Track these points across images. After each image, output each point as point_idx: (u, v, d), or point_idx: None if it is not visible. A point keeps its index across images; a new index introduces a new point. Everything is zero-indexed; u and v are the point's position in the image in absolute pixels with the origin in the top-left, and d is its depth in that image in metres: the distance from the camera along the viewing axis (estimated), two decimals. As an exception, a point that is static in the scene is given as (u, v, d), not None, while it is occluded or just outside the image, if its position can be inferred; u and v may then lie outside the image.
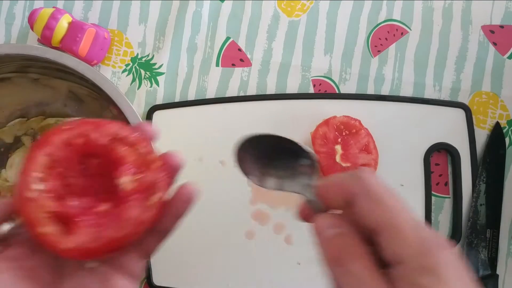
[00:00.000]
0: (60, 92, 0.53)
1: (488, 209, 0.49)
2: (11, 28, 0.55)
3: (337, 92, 0.52)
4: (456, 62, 0.52)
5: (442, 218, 0.51)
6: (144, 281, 0.52)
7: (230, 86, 0.53)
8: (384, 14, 0.53)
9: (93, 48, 0.52)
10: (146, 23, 0.54)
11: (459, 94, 0.52)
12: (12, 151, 0.54)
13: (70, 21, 0.51)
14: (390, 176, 0.50)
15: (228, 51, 0.54)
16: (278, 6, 0.53)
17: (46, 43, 0.52)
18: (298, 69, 0.53)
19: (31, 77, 0.50)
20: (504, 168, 0.50)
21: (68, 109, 0.54)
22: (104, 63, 0.54)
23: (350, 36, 0.53)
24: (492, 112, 0.51)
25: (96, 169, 0.30)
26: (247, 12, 0.53)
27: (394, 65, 0.52)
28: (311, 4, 0.53)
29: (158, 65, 0.54)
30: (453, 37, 0.52)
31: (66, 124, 0.29)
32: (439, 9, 0.52)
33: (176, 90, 0.54)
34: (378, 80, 0.52)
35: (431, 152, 0.50)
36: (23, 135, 0.54)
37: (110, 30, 0.54)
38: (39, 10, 0.51)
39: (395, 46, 0.52)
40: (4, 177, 0.53)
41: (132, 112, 0.44)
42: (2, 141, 0.54)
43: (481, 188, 0.50)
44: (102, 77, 0.44)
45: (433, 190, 0.51)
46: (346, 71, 0.53)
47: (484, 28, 0.52)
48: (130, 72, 0.54)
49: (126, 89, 0.54)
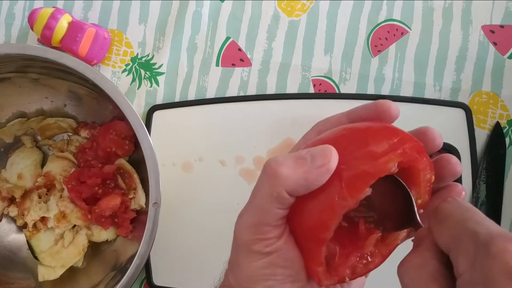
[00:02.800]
0: (60, 92, 0.53)
1: (488, 209, 0.49)
2: (11, 28, 0.55)
3: (337, 92, 0.52)
4: (456, 62, 0.52)
5: (442, 218, 0.51)
6: (144, 281, 0.52)
7: (230, 86, 0.53)
8: (384, 14, 0.53)
9: (93, 48, 0.51)
10: (146, 23, 0.54)
11: (459, 94, 0.52)
12: (12, 151, 0.54)
13: (70, 21, 0.51)
14: (390, 176, 0.50)
15: (228, 51, 0.54)
16: (278, 6, 0.53)
17: (46, 43, 0.52)
18: (298, 69, 0.53)
19: (31, 77, 0.50)
20: (504, 168, 0.50)
21: (67, 108, 0.54)
22: (104, 63, 0.54)
23: (350, 36, 0.53)
24: (492, 112, 0.51)
25: None
26: (247, 12, 0.53)
27: (394, 65, 0.52)
28: (311, 4, 0.53)
29: (158, 65, 0.54)
30: (453, 37, 0.52)
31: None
32: (439, 9, 0.52)
33: (176, 90, 0.54)
34: (378, 80, 0.52)
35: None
36: (23, 135, 0.54)
37: (110, 30, 0.54)
38: (39, 10, 0.51)
39: (395, 46, 0.52)
40: (4, 177, 0.53)
41: (132, 112, 0.44)
42: (2, 141, 0.54)
43: (481, 188, 0.50)
44: (102, 77, 0.44)
45: (433, 190, 0.50)
46: (346, 71, 0.53)
47: (484, 28, 0.52)
48: (130, 72, 0.54)
49: (126, 89, 0.54)
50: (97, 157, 0.51)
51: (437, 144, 0.28)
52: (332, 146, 0.25)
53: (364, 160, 0.24)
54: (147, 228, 0.43)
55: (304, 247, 0.26)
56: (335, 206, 0.24)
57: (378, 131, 0.26)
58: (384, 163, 0.24)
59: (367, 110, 0.28)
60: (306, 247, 0.26)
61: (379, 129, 0.26)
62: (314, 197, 0.25)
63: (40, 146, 0.55)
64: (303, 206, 0.26)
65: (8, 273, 0.52)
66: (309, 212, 0.25)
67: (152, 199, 0.43)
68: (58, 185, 0.51)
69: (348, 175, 0.24)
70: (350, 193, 0.24)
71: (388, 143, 0.25)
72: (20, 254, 0.53)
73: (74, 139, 0.54)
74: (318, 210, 0.25)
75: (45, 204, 0.52)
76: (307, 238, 0.26)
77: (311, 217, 0.25)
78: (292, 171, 0.25)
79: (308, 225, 0.26)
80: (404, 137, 0.25)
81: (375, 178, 0.24)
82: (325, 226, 0.24)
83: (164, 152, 0.51)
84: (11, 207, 0.52)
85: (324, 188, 0.25)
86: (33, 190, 0.52)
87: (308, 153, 0.25)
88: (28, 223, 0.51)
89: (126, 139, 0.50)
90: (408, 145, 0.25)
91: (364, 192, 0.24)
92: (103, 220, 0.49)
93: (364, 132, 0.26)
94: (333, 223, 0.24)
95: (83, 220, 0.50)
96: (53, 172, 0.52)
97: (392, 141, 0.25)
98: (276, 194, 0.25)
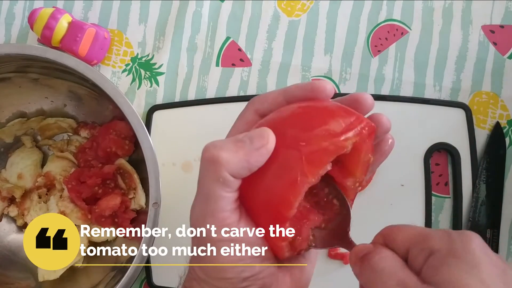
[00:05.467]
0: (60, 92, 0.53)
1: (488, 209, 0.49)
2: (11, 28, 0.55)
3: (337, 92, 0.52)
4: (456, 62, 0.52)
5: (442, 218, 0.51)
6: (144, 281, 0.52)
7: (230, 86, 0.53)
8: (384, 14, 0.53)
9: (93, 48, 0.51)
10: (146, 23, 0.54)
11: (459, 94, 0.52)
12: (12, 151, 0.54)
13: (70, 21, 0.51)
14: (390, 176, 0.50)
15: (228, 51, 0.54)
16: (278, 6, 0.53)
17: (46, 43, 0.52)
18: (298, 69, 0.53)
19: (31, 77, 0.50)
20: (504, 168, 0.50)
21: (67, 108, 0.54)
22: (104, 63, 0.54)
23: (350, 36, 0.53)
24: (492, 112, 0.51)
25: None
26: (247, 12, 0.53)
27: (394, 65, 0.52)
28: (311, 4, 0.53)
29: (158, 65, 0.54)
30: (453, 37, 0.52)
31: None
32: (439, 9, 0.52)
33: (176, 90, 0.54)
34: (378, 80, 0.52)
35: (431, 152, 0.50)
36: (23, 135, 0.54)
37: (110, 30, 0.54)
38: (39, 10, 0.51)
39: (395, 46, 0.52)
40: (4, 177, 0.53)
41: (132, 112, 0.44)
42: (2, 141, 0.54)
43: (481, 188, 0.50)
44: (102, 77, 0.44)
45: (433, 190, 0.50)
46: (346, 71, 0.53)
47: (484, 28, 0.52)
48: (130, 72, 0.54)
49: (126, 89, 0.54)
50: (97, 157, 0.51)
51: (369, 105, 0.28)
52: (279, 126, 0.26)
53: (324, 138, 0.25)
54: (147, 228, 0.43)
55: (266, 225, 0.26)
56: (297, 182, 0.24)
57: (335, 111, 0.27)
58: (343, 141, 0.25)
59: (304, 91, 0.28)
60: (269, 224, 0.26)
61: (336, 109, 0.27)
62: (273, 176, 0.25)
63: (40, 146, 0.55)
64: (260, 186, 0.26)
65: (8, 273, 0.52)
66: (269, 191, 0.26)
67: (152, 199, 0.43)
68: (58, 185, 0.51)
69: (308, 151, 0.25)
70: (311, 169, 0.24)
71: (346, 122, 0.26)
72: (20, 254, 0.53)
73: (74, 139, 0.54)
74: (280, 188, 0.25)
75: (45, 204, 0.52)
76: (269, 217, 0.26)
77: (273, 196, 0.25)
78: (232, 155, 0.25)
79: (270, 204, 0.26)
80: (359, 118, 0.26)
81: (335, 155, 0.25)
82: (289, 203, 0.25)
83: (164, 152, 0.51)
84: (11, 207, 0.52)
85: (283, 166, 0.25)
86: (33, 190, 0.52)
87: (246, 136, 0.26)
88: (28, 223, 0.51)
89: (126, 139, 0.50)
90: (363, 125, 0.26)
91: (324, 168, 0.25)
92: (103, 220, 0.49)
93: (322, 111, 0.27)
94: (296, 199, 0.25)
95: (83, 220, 0.50)
96: (53, 172, 0.52)
97: (350, 120, 0.26)
98: (221, 179, 0.25)
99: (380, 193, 0.50)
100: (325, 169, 0.25)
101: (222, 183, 0.25)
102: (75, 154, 0.52)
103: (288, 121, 0.26)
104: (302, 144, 0.25)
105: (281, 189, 0.25)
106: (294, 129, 0.26)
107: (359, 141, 0.25)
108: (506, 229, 0.50)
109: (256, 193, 0.26)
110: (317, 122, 0.26)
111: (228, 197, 0.26)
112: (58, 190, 0.52)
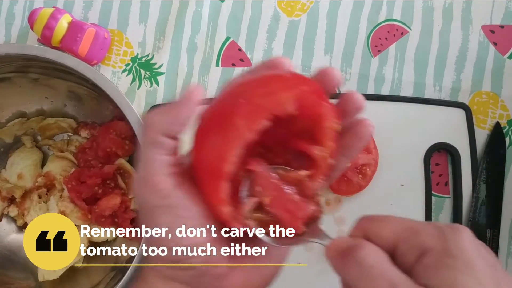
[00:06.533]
0: (60, 92, 0.53)
1: (488, 209, 0.49)
2: (11, 28, 0.55)
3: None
4: (456, 62, 0.52)
5: (442, 218, 0.51)
6: (144, 281, 0.52)
7: (230, 86, 0.53)
8: (384, 14, 0.53)
9: (93, 48, 0.51)
10: (146, 23, 0.54)
11: (459, 94, 0.52)
12: (12, 151, 0.54)
13: (70, 21, 0.51)
14: (390, 176, 0.50)
15: (228, 51, 0.54)
16: (278, 6, 0.53)
17: (46, 43, 0.52)
18: (298, 69, 0.53)
19: (31, 77, 0.50)
20: (504, 168, 0.50)
21: (67, 108, 0.54)
22: (104, 63, 0.54)
23: (350, 36, 0.53)
24: (492, 112, 0.51)
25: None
26: (247, 12, 0.53)
27: (394, 65, 0.52)
28: (311, 4, 0.53)
29: (158, 65, 0.54)
30: (453, 37, 0.52)
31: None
32: (439, 9, 0.52)
33: (176, 90, 0.54)
34: (378, 80, 0.52)
35: (431, 152, 0.50)
36: (23, 135, 0.54)
37: (110, 30, 0.54)
38: (39, 10, 0.51)
39: (395, 46, 0.52)
40: (4, 177, 0.53)
41: (132, 112, 0.44)
42: (2, 141, 0.54)
43: (481, 188, 0.50)
44: (102, 77, 0.44)
45: (433, 190, 0.50)
46: (346, 71, 0.53)
47: (484, 28, 0.52)
48: (130, 72, 0.54)
49: (126, 89, 0.54)
50: (97, 157, 0.51)
51: (336, 82, 0.27)
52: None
53: (261, 95, 0.25)
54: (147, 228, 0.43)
55: (205, 188, 0.26)
56: (231, 136, 0.25)
57: (282, 76, 0.27)
58: (279, 98, 0.25)
59: (267, 68, 0.29)
60: (207, 186, 0.26)
61: (283, 75, 0.27)
62: (213, 135, 0.26)
63: (40, 146, 0.55)
64: (202, 147, 0.26)
65: (8, 273, 0.52)
66: (206, 149, 0.26)
67: (152, 199, 0.43)
68: (58, 185, 0.51)
69: (244, 108, 0.25)
70: (246, 124, 0.25)
71: (285, 83, 0.26)
72: (20, 254, 0.53)
73: (74, 139, 0.54)
74: (216, 145, 0.25)
75: (45, 204, 0.52)
76: (207, 176, 0.26)
77: (209, 153, 0.26)
78: (163, 115, 0.26)
79: (207, 162, 0.26)
80: (304, 80, 0.26)
81: (270, 112, 0.25)
82: (222, 157, 0.25)
83: (164, 152, 0.51)
84: (11, 207, 0.52)
85: (221, 123, 0.25)
86: (33, 190, 0.52)
87: (177, 97, 0.26)
88: (28, 223, 0.51)
89: (126, 139, 0.50)
90: (307, 87, 0.26)
91: (259, 124, 0.25)
92: (103, 220, 0.49)
93: (272, 77, 0.27)
94: (230, 153, 0.24)
95: (83, 220, 0.50)
96: (53, 172, 0.52)
97: (290, 82, 0.26)
98: (152, 140, 0.25)
99: (380, 193, 0.50)
100: (260, 125, 0.25)
101: (153, 144, 0.25)
102: (75, 154, 0.52)
103: (241, 87, 0.27)
104: (242, 102, 0.25)
105: (219, 146, 0.25)
106: (242, 93, 0.26)
107: (306, 104, 0.25)
108: (506, 229, 0.50)
109: (199, 156, 0.26)
110: (262, 85, 0.26)
111: (161, 160, 0.25)
112: (58, 190, 0.52)
